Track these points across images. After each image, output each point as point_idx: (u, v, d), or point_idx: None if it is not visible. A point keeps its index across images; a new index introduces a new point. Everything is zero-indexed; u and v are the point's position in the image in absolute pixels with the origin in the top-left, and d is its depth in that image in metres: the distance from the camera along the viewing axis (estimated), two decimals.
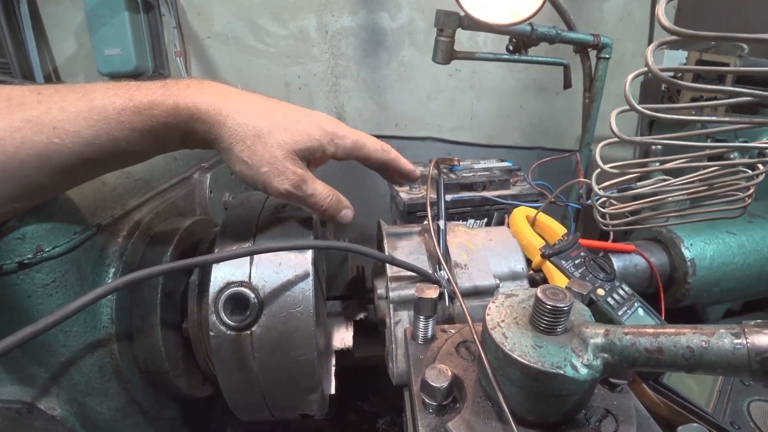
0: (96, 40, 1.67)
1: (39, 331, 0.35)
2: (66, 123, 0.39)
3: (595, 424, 0.38)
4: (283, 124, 0.47)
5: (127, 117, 0.41)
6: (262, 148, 0.46)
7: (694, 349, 0.30)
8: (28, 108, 0.38)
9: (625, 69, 1.91)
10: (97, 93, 0.41)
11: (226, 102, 0.45)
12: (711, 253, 0.81)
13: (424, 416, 0.40)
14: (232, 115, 0.45)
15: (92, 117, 0.40)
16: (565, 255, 0.64)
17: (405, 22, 1.80)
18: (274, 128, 0.46)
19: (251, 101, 0.47)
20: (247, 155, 0.46)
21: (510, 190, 1.02)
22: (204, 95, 0.44)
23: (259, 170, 0.47)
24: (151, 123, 0.42)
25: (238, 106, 0.45)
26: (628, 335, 0.33)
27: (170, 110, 0.42)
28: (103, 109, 0.40)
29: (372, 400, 1.14)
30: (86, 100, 0.40)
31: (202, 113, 0.44)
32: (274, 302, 0.50)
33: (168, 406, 0.65)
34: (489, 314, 0.38)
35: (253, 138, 0.45)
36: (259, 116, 0.46)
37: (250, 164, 0.46)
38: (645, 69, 0.39)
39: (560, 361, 0.33)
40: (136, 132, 0.42)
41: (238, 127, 0.45)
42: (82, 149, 0.40)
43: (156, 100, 0.42)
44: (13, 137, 0.37)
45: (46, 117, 0.38)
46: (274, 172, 0.47)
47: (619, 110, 0.45)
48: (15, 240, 0.44)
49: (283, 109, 0.49)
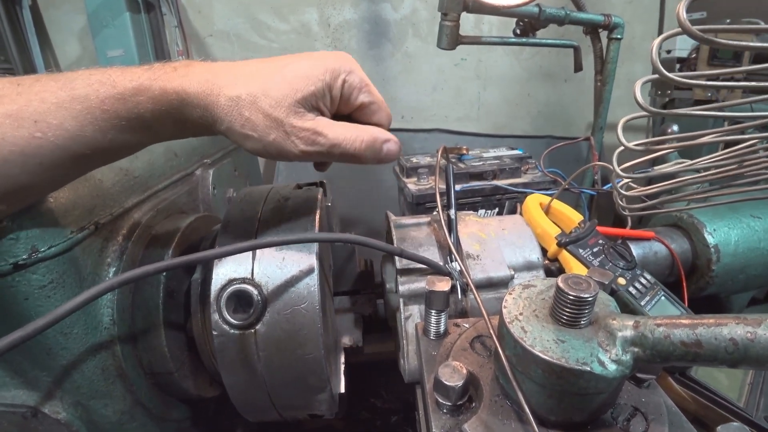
0: (99, 42, 1.67)
1: (28, 335, 0.33)
2: (47, 115, 0.36)
3: (623, 424, 0.35)
4: (277, 80, 0.41)
5: (111, 105, 0.38)
6: (261, 115, 0.41)
7: (738, 342, 0.27)
8: (7, 101, 0.36)
9: (635, 52, 1.88)
10: (78, 81, 0.38)
11: (215, 79, 0.41)
12: (735, 239, 0.77)
13: (437, 417, 0.38)
14: (224, 92, 0.40)
15: (74, 107, 0.37)
16: (583, 243, 0.61)
17: (408, 13, 1.77)
18: (268, 87, 0.41)
19: (242, 70, 0.42)
20: (250, 128, 0.41)
21: (521, 178, 0.99)
22: (192, 77, 0.40)
23: (267, 139, 0.41)
24: (137, 111, 0.39)
25: (230, 80, 0.41)
26: (660, 327, 0.30)
27: (157, 96, 0.39)
28: (85, 98, 0.37)
29: (384, 397, 1.12)
30: (67, 89, 0.37)
31: (192, 97, 0.40)
32: (279, 299, 0.48)
33: (175, 408, 0.63)
34: (506, 307, 0.35)
35: (249, 107, 0.40)
36: (251, 81, 0.41)
37: (256, 137, 0.41)
38: (677, 30, 0.35)
39: (586, 357, 0.30)
40: (123, 121, 0.39)
41: (232, 102, 0.40)
42: (67, 143, 0.38)
43: (141, 84, 0.39)
44: None
45: (27, 110, 0.36)
46: (281, 136, 0.41)
47: (644, 79, 0.42)
48: (9, 241, 0.42)
49: (278, 63, 0.43)
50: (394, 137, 0.47)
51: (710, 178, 0.58)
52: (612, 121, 1.23)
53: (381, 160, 0.46)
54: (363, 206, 1.59)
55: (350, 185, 1.69)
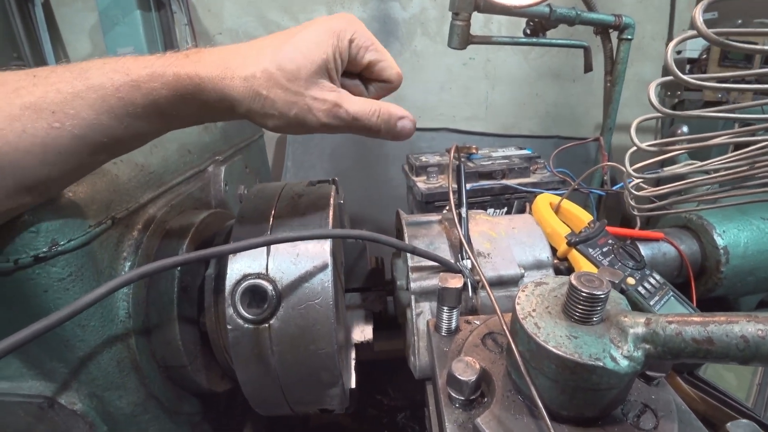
0: (109, 39, 1.69)
1: (52, 324, 0.34)
2: (64, 105, 0.37)
3: (634, 420, 0.36)
4: (288, 51, 0.41)
5: (126, 93, 0.38)
6: (280, 91, 0.40)
7: (749, 339, 0.27)
8: (24, 93, 0.36)
9: (646, 52, 1.87)
10: (92, 70, 0.38)
11: (227, 62, 0.41)
12: (745, 241, 0.77)
13: (450, 411, 0.39)
14: (237, 73, 0.40)
15: (90, 96, 0.37)
16: (593, 243, 0.62)
17: (417, 12, 1.77)
18: (281, 60, 0.40)
19: (252, 48, 0.42)
20: (269, 106, 0.41)
21: (530, 178, 0.99)
22: (204, 61, 0.40)
23: (289, 115, 0.41)
24: (152, 97, 0.39)
25: (241, 60, 0.41)
26: (672, 324, 0.31)
27: (171, 81, 0.39)
28: (100, 87, 0.38)
29: (391, 394, 1.13)
30: (83, 79, 0.38)
31: (206, 81, 0.40)
32: (293, 294, 0.48)
33: (187, 401, 0.64)
34: (519, 303, 0.36)
35: (267, 85, 0.40)
36: (262, 57, 0.41)
37: (277, 114, 0.41)
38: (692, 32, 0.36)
39: (599, 353, 0.31)
40: (139, 108, 0.39)
41: (247, 82, 0.40)
42: (84, 131, 0.38)
43: (155, 71, 0.39)
44: (14, 126, 0.35)
45: (44, 101, 0.36)
46: (303, 109, 0.41)
47: (660, 80, 0.42)
48: (29, 234, 0.43)
49: (285, 34, 0.43)
50: (409, 115, 0.47)
51: (720, 179, 0.58)
52: (621, 122, 1.23)
53: (396, 135, 0.47)
54: (371, 205, 1.59)
55: (359, 184, 1.70)
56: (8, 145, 0.35)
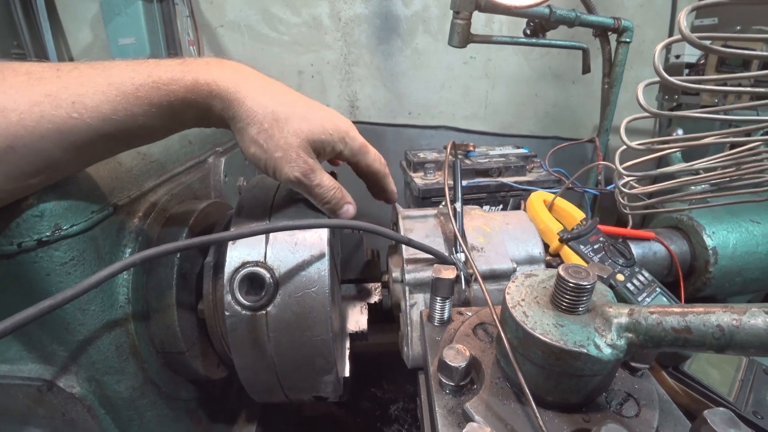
0: (111, 30, 1.69)
1: (57, 304, 0.35)
2: (85, 98, 0.39)
3: (617, 407, 0.37)
4: (301, 113, 0.47)
5: (145, 92, 0.41)
6: (278, 133, 0.46)
7: (724, 328, 0.28)
8: (47, 82, 0.38)
9: (645, 57, 1.88)
10: (115, 69, 0.41)
11: (246, 81, 0.45)
12: (734, 242, 0.79)
13: (441, 397, 0.40)
14: (252, 95, 0.45)
15: (111, 92, 0.40)
16: (584, 240, 0.63)
17: (419, 9, 1.77)
18: (292, 115, 0.46)
19: (271, 85, 0.47)
20: (263, 138, 0.46)
21: (526, 176, 1.00)
22: (224, 72, 0.44)
23: (273, 155, 0.47)
24: (169, 99, 0.42)
25: (259, 88, 0.45)
26: (653, 314, 0.32)
27: (189, 86, 0.42)
28: (121, 84, 0.40)
29: (384, 387, 1.15)
30: (105, 76, 0.40)
31: (221, 90, 0.43)
32: (290, 282, 0.49)
33: (184, 387, 0.65)
34: (509, 293, 0.37)
35: (270, 121, 0.45)
36: (279, 101, 0.46)
37: (264, 148, 0.46)
38: (677, 37, 0.37)
39: (583, 340, 0.32)
40: (155, 108, 0.42)
41: (258, 108, 0.45)
42: (100, 124, 0.40)
43: (175, 76, 0.42)
44: (33, 111, 0.37)
45: (65, 92, 0.38)
46: (286, 158, 0.47)
47: (647, 82, 0.43)
48: (33, 217, 0.44)
49: (301, 99, 0.49)
50: (353, 203, 0.55)
51: (708, 180, 0.60)
52: (618, 124, 1.24)
53: (338, 215, 0.54)
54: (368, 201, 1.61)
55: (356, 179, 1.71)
56: (25, 129, 0.37)
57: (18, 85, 0.37)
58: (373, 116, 1.89)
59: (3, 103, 0.36)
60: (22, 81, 0.38)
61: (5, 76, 0.37)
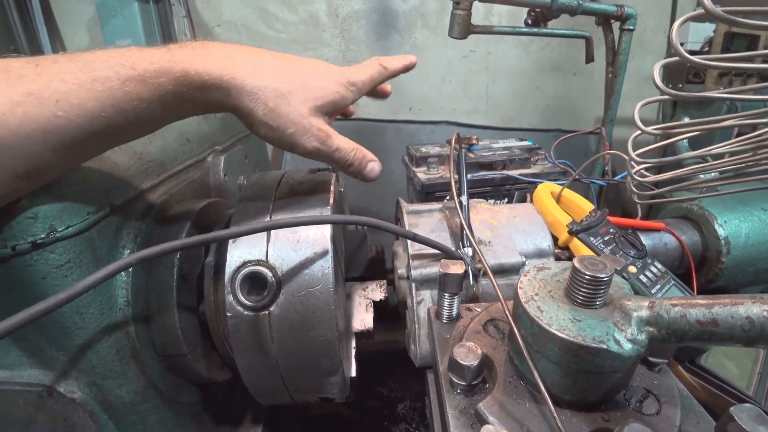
0: (107, 32, 1.68)
1: (51, 307, 0.34)
2: (69, 95, 0.37)
3: (636, 405, 0.36)
4: (301, 82, 0.46)
5: (132, 87, 0.39)
6: (286, 109, 0.45)
7: (754, 320, 0.27)
8: (27, 81, 0.36)
9: (647, 46, 1.86)
10: (97, 62, 0.39)
11: (237, 65, 0.43)
12: (746, 231, 0.77)
13: (452, 397, 0.38)
14: (248, 79, 0.43)
15: (95, 88, 0.38)
16: (594, 232, 0.61)
17: (417, 3, 1.76)
18: (294, 87, 0.45)
19: (263, 60, 0.46)
20: (271, 118, 0.45)
21: (531, 168, 0.98)
22: (213, 59, 0.42)
23: (286, 132, 0.46)
24: (159, 92, 0.40)
25: (252, 68, 0.44)
26: (676, 307, 0.30)
27: (179, 78, 0.40)
28: (106, 80, 0.38)
29: (391, 386, 1.13)
30: (87, 71, 0.38)
31: (215, 80, 0.42)
32: (293, 281, 0.48)
33: (187, 391, 0.64)
34: (521, 287, 0.35)
35: (275, 100, 0.44)
36: (277, 77, 0.45)
37: (275, 126, 0.45)
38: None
39: (602, 336, 0.31)
40: (144, 102, 0.40)
41: (258, 91, 0.44)
42: (88, 122, 0.38)
43: (162, 67, 0.40)
44: (15, 112, 0.35)
45: (47, 90, 0.36)
46: (300, 131, 0.46)
47: (664, 61, 0.42)
48: (27, 220, 0.43)
49: (297, 66, 0.48)
50: (377, 161, 0.53)
51: (722, 167, 0.58)
52: (621, 115, 1.23)
53: (363, 175, 0.53)
54: (370, 197, 1.59)
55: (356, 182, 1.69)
56: (8, 130, 0.35)
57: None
58: (373, 112, 1.87)
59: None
60: (1, 80, 0.36)
61: None
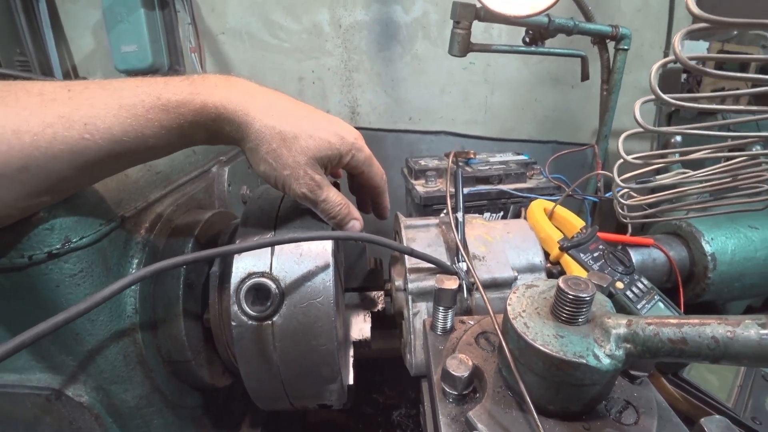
0: (113, 37, 1.70)
1: (71, 317, 0.36)
2: (96, 119, 0.40)
3: (616, 415, 0.38)
4: (308, 131, 0.49)
5: (155, 115, 0.42)
6: (286, 152, 0.48)
7: (719, 340, 0.29)
8: (59, 104, 0.39)
9: (643, 60, 1.89)
10: (125, 90, 0.42)
11: (253, 102, 0.46)
12: (732, 248, 0.79)
13: (444, 406, 0.41)
14: (260, 117, 0.46)
15: (122, 114, 0.41)
16: (584, 248, 0.64)
17: (419, 15, 1.79)
18: (299, 133, 0.48)
19: (278, 103, 0.49)
20: (272, 157, 0.48)
21: (526, 183, 1.01)
22: (232, 94, 0.45)
23: (282, 172, 0.49)
24: (178, 121, 0.43)
25: (266, 108, 0.47)
26: (650, 326, 0.33)
27: (198, 109, 0.44)
28: (132, 107, 0.41)
29: (387, 393, 1.15)
30: (116, 98, 0.41)
31: (230, 113, 0.45)
32: (295, 292, 0.50)
33: (190, 395, 0.66)
34: (510, 304, 0.38)
35: (279, 141, 0.47)
36: (287, 120, 0.48)
37: (273, 166, 0.48)
38: (672, 58, 0.38)
39: (582, 351, 0.33)
40: (164, 130, 0.43)
41: (266, 130, 0.47)
42: (111, 145, 0.41)
43: (185, 99, 0.43)
44: (46, 132, 0.38)
45: (77, 113, 0.39)
46: (294, 175, 0.49)
47: (643, 100, 0.45)
48: (44, 231, 0.45)
49: (308, 114, 0.51)
50: (360, 219, 0.56)
51: (704, 190, 0.61)
52: (618, 127, 1.25)
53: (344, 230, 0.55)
54: None
55: None
56: (39, 150, 0.38)
57: (31, 107, 0.38)
58: (374, 122, 1.90)
59: (17, 124, 0.37)
60: (35, 102, 0.38)
61: (18, 97, 0.38)
